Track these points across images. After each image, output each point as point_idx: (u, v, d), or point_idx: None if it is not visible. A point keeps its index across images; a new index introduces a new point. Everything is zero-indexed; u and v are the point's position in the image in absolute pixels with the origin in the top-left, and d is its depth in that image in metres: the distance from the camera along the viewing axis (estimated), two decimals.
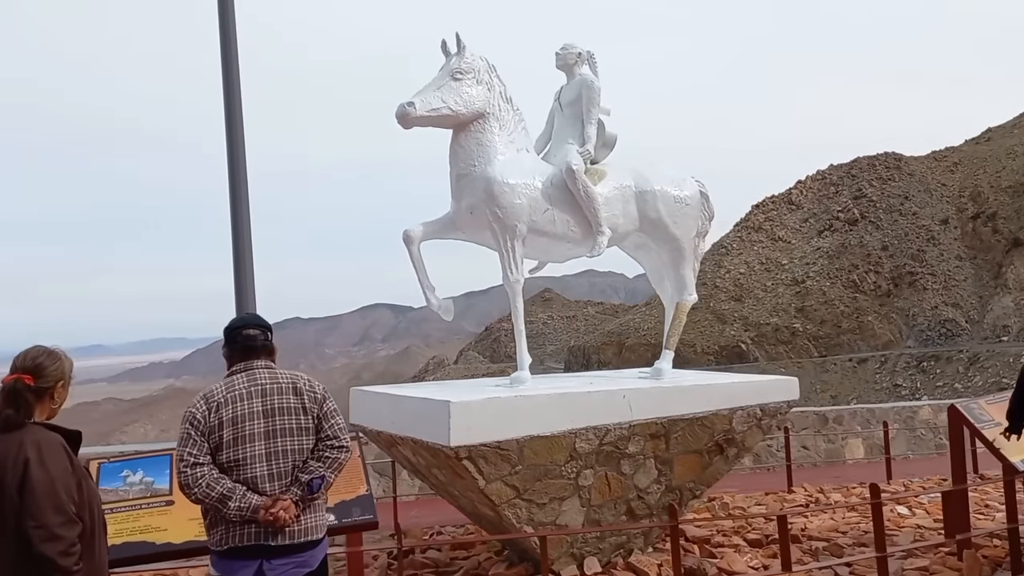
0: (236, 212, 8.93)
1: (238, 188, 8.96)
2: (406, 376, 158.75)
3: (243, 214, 8.94)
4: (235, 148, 8.96)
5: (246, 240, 8.93)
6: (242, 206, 8.95)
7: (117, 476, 4.96)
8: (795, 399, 7.17)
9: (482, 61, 6.62)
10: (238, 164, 8.97)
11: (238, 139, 8.99)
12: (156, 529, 4.81)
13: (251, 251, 8.98)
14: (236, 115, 9.04)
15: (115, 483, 4.94)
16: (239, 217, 8.92)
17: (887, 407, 15.28)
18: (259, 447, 3.66)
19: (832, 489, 10.24)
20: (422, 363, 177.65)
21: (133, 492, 4.95)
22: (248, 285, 8.88)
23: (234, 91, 9.07)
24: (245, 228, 8.95)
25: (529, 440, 5.87)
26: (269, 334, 3.93)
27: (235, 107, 9.04)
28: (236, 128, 9.00)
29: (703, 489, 7.01)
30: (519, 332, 6.66)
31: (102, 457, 5.08)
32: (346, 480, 5.12)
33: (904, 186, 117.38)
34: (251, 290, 8.91)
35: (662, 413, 6.44)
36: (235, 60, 9.14)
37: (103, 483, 4.87)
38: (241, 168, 9.01)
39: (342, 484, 5.02)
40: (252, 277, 8.96)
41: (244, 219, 8.96)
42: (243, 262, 8.85)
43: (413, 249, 6.63)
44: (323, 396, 3.85)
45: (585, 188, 6.57)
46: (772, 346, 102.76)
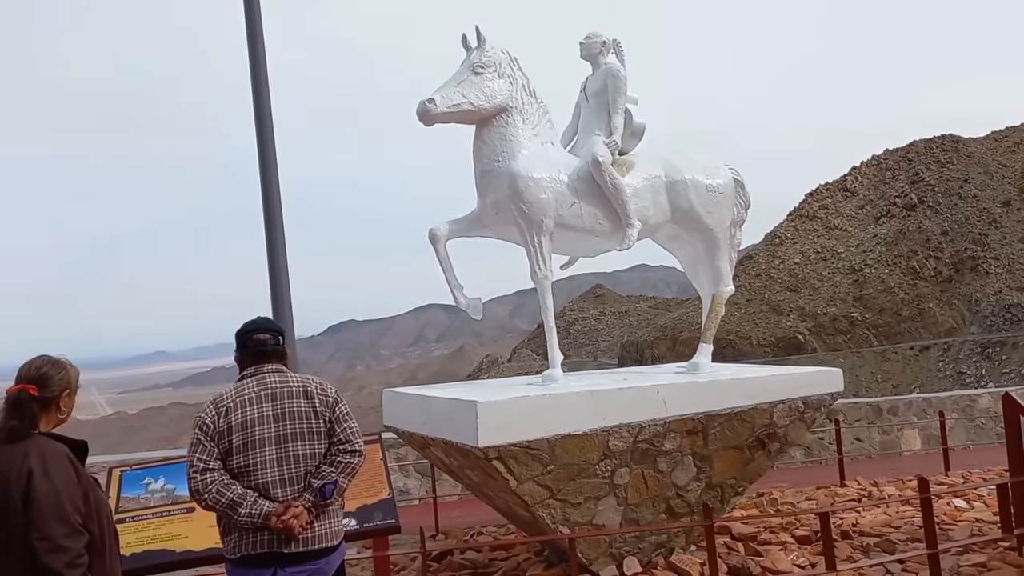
0: (269, 218, 8.92)
1: (270, 193, 8.94)
2: (460, 375, 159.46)
3: (276, 220, 8.92)
4: (266, 153, 8.94)
5: (280, 246, 8.91)
6: (275, 211, 8.93)
7: (139, 484, 4.95)
8: (839, 391, 6.92)
9: (503, 54, 6.49)
10: (269, 169, 8.95)
11: (269, 144, 8.97)
12: (177, 537, 4.78)
13: (285, 256, 8.95)
14: (266, 118, 9.03)
15: (137, 491, 4.93)
16: (272, 223, 8.91)
17: (944, 396, 14.80)
18: (270, 452, 3.60)
19: (886, 482, 9.90)
20: (476, 362, 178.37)
21: (155, 500, 4.94)
22: (284, 290, 8.87)
23: (263, 92, 9.07)
24: (279, 234, 8.93)
25: (560, 439, 5.73)
26: (281, 338, 3.88)
27: (264, 108, 9.03)
28: (266, 132, 8.99)
29: (745, 486, 6.79)
30: (550, 329, 6.53)
31: (125, 465, 5.08)
32: (368, 483, 5.05)
33: (963, 168, 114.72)
34: (287, 295, 8.90)
35: (698, 408, 6.25)
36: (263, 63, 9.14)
37: (125, 491, 4.86)
38: (273, 173, 8.99)
39: (364, 488, 4.96)
40: (288, 282, 8.94)
41: (278, 225, 8.94)
42: (278, 268, 8.83)
43: (439, 248, 6.54)
44: (335, 399, 3.77)
45: (612, 180, 6.41)
46: (830, 336, 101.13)
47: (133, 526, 4.68)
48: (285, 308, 8.81)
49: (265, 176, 8.95)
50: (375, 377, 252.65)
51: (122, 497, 4.82)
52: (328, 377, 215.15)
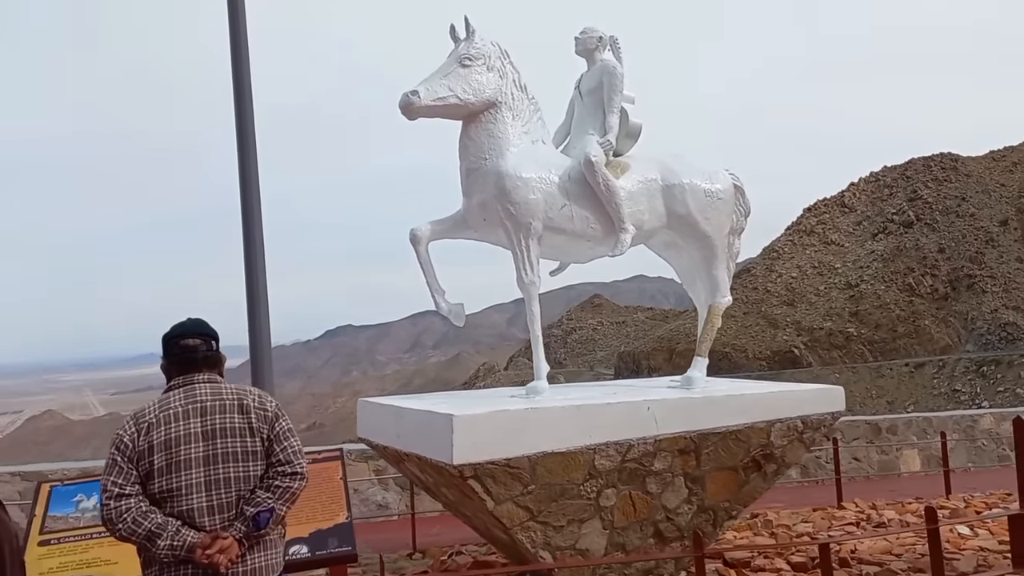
0: (248, 222, 8.53)
1: (249, 197, 8.56)
2: (457, 382, 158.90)
3: (255, 222, 8.54)
4: (246, 158, 8.57)
5: (258, 250, 8.52)
6: (254, 215, 8.55)
7: (69, 501, 4.48)
8: (841, 410, 6.54)
9: (494, 47, 6.13)
10: (249, 174, 8.57)
11: (249, 148, 8.59)
12: (105, 562, 4.33)
13: (263, 262, 8.56)
14: (248, 126, 8.66)
15: (66, 509, 4.46)
16: (251, 227, 8.52)
17: (945, 416, 14.42)
18: (197, 475, 3.16)
19: (885, 505, 9.52)
20: (473, 369, 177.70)
21: (85, 519, 4.48)
22: (261, 294, 8.48)
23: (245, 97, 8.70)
24: (257, 237, 8.55)
25: (542, 457, 5.34)
26: (214, 344, 3.43)
27: (247, 115, 8.66)
28: (247, 137, 8.61)
29: (739, 509, 6.39)
30: (536, 338, 6.14)
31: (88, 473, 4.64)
32: (324, 506, 4.63)
33: (961, 187, 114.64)
34: (264, 300, 8.51)
35: (691, 426, 5.86)
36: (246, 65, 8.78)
37: (54, 509, 4.41)
38: (253, 175, 8.61)
39: (319, 510, 4.54)
40: (265, 287, 8.55)
41: (256, 228, 8.56)
42: (255, 272, 8.45)
43: (420, 250, 6.16)
44: (275, 414, 3.34)
45: (606, 181, 6.04)
46: (826, 351, 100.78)
47: (57, 549, 4.23)
48: (261, 313, 8.43)
49: (244, 179, 8.58)
50: (371, 383, 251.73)
51: (49, 516, 4.36)
52: (324, 382, 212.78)
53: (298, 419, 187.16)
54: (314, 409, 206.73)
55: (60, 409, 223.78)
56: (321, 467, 5.08)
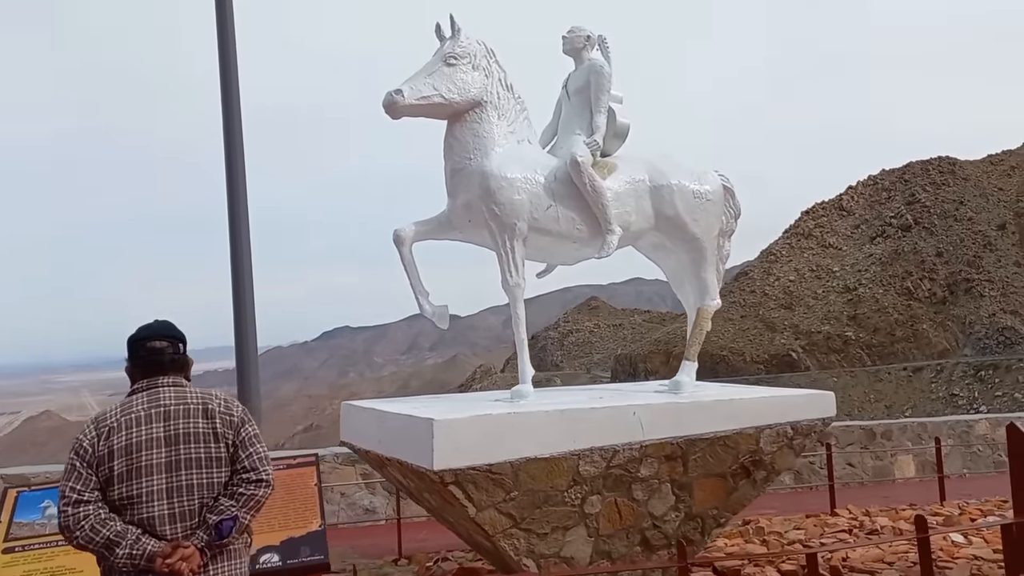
0: (235, 224, 8.43)
1: (236, 199, 8.46)
2: (453, 384, 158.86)
3: (242, 226, 8.45)
4: (233, 159, 8.48)
5: (245, 253, 8.43)
6: (241, 219, 8.45)
7: (36, 507, 4.36)
8: (831, 416, 6.42)
9: (479, 45, 6.03)
10: (237, 174, 8.47)
11: (237, 150, 8.50)
12: (70, 571, 4.21)
13: (251, 264, 8.48)
14: (235, 126, 8.55)
15: (33, 515, 4.33)
16: (237, 229, 8.42)
17: (940, 421, 14.31)
18: (158, 481, 3.05)
19: (879, 511, 9.40)
20: (470, 371, 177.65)
21: (51, 526, 4.34)
22: (247, 297, 8.38)
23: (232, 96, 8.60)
24: (244, 241, 8.45)
25: (525, 463, 5.22)
26: (181, 346, 3.31)
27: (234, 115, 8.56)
28: (235, 137, 8.52)
29: (728, 516, 6.28)
30: (521, 341, 6.03)
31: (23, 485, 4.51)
32: (298, 513, 4.52)
33: (959, 191, 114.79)
34: (250, 302, 8.40)
35: (678, 432, 5.74)
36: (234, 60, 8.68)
37: (20, 515, 4.28)
38: (240, 176, 8.51)
39: (292, 518, 4.42)
40: (252, 289, 8.45)
41: (243, 231, 8.46)
42: (241, 275, 8.35)
43: (404, 251, 6.05)
44: (241, 419, 3.22)
45: (592, 182, 5.93)
46: (824, 355, 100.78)
47: (21, 557, 4.10)
48: (247, 316, 8.32)
49: (232, 180, 8.48)
50: (368, 384, 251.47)
51: (15, 523, 4.24)
52: (320, 384, 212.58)
53: (295, 420, 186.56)
54: (311, 411, 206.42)
55: (57, 410, 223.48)
56: (295, 473, 4.97)
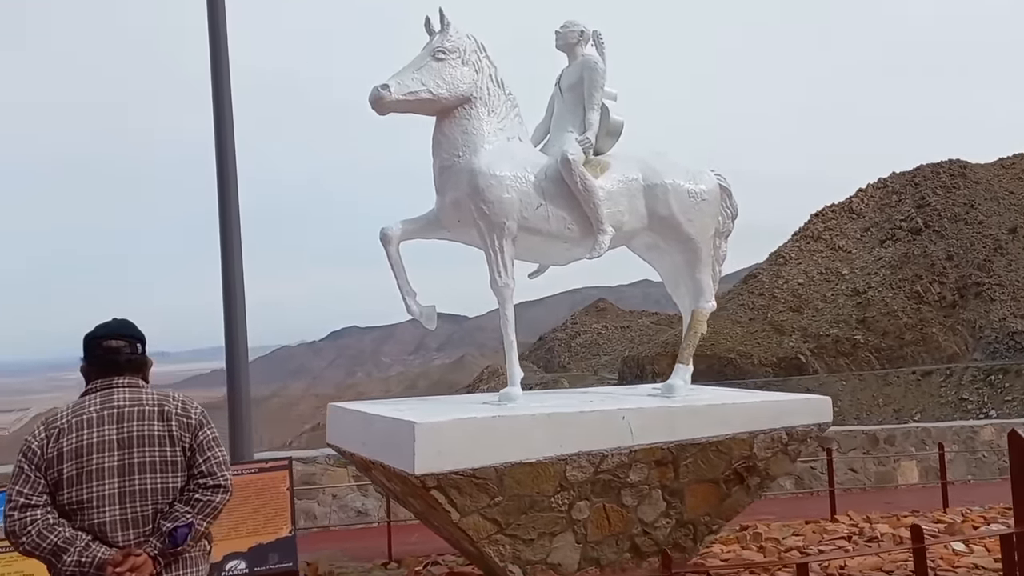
0: (225, 222, 8.30)
1: (227, 195, 8.33)
2: (461, 385, 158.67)
3: (232, 223, 8.32)
4: (224, 150, 8.34)
5: (236, 249, 8.29)
6: (231, 215, 8.32)
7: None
8: (828, 422, 6.28)
9: (469, 40, 5.92)
10: (228, 167, 8.35)
11: (227, 144, 8.37)
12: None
13: (241, 263, 8.33)
14: (226, 116, 8.43)
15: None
16: (228, 227, 8.29)
17: (944, 426, 14.11)
18: (110, 485, 2.93)
19: (880, 518, 9.24)
20: (477, 372, 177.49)
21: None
22: (238, 297, 8.24)
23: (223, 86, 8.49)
24: (235, 238, 8.31)
25: (510, 467, 5.10)
26: (139, 346, 3.18)
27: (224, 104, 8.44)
28: (226, 130, 8.39)
29: (721, 523, 6.15)
30: (510, 343, 5.90)
31: None
32: (267, 519, 4.39)
33: (969, 194, 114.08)
34: (241, 303, 8.26)
35: (669, 437, 5.61)
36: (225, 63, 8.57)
37: None
38: (231, 172, 8.38)
39: (261, 523, 4.29)
40: (242, 289, 8.31)
41: (234, 229, 8.33)
42: (232, 274, 8.22)
43: (391, 250, 5.94)
44: (199, 422, 3.10)
45: (583, 180, 5.80)
46: (832, 358, 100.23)
47: None
48: (237, 317, 8.19)
49: (223, 177, 8.35)
50: (375, 385, 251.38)
51: None
52: (328, 383, 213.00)
53: (302, 419, 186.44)
54: (318, 410, 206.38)
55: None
56: (267, 477, 4.84)
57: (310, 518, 9.34)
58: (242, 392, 7.97)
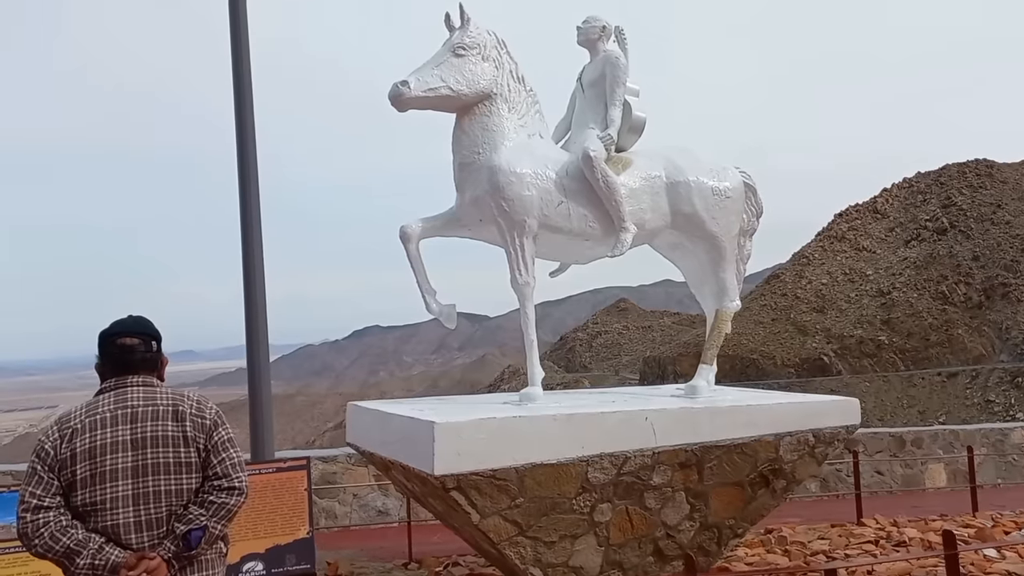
0: (246, 220, 8.27)
1: (248, 192, 8.31)
2: (482, 384, 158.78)
3: (253, 222, 8.29)
4: (245, 149, 8.32)
5: (256, 248, 8.26)
6: (252, 213, 8.29)
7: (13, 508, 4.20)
8: (856, 424, 6.15)
9: (490, 36, 5.84)
10: (248, 168, 8.32)
11: (248, 141, 8.34)
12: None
13: (262, 259, 8.30)
14: (247, 115, 8.41)
15: (10, 517, 4.17)
16: (249, 225, 8.26)
17: (973, 429, 13.87)
18: (124, 487, 2.88)
19: (907, 522, 9.07)
20: (498, 371, 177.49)
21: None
22: (259, 295, 8.20)
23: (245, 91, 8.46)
24: (255, 236, 8.28)
25: (531, 468, 5.02)
26: (154, 344, 3.12)
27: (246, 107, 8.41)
28: (247, 130, 8.36)
29: (746, 527, 6.03)
30: (530, 343, 5.82)
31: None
32: (285, 519, 4.32)
33: (996, 194, 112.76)
34: (262, 301, 8.23)
35: (693, 439, 5.51)
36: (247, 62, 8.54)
37: (0, 517, 4.13)
38: (252, 172, 8.36)
39: (279, 524, 4.22)
40: (263, 287, 8.28)
41: (255, 227, 8.30)
42: (253, 272, 8.19)
43: (411, 248, 5.87)
44: (213, 423, 3.04)
45: (605, 178, 5.71)
46: (856, 359, 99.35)
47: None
48: (259, 315, 8.16)
49: (244, 174, 8.33)
50: (397, 384, 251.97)
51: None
52: (350, 383, 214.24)
53: (325, 418, 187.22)
54: (341, 409, 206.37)
55: None
56: (285, 477, 4.78)
57: (331, 517, 9.31)
58: (263, 390, 7.94)
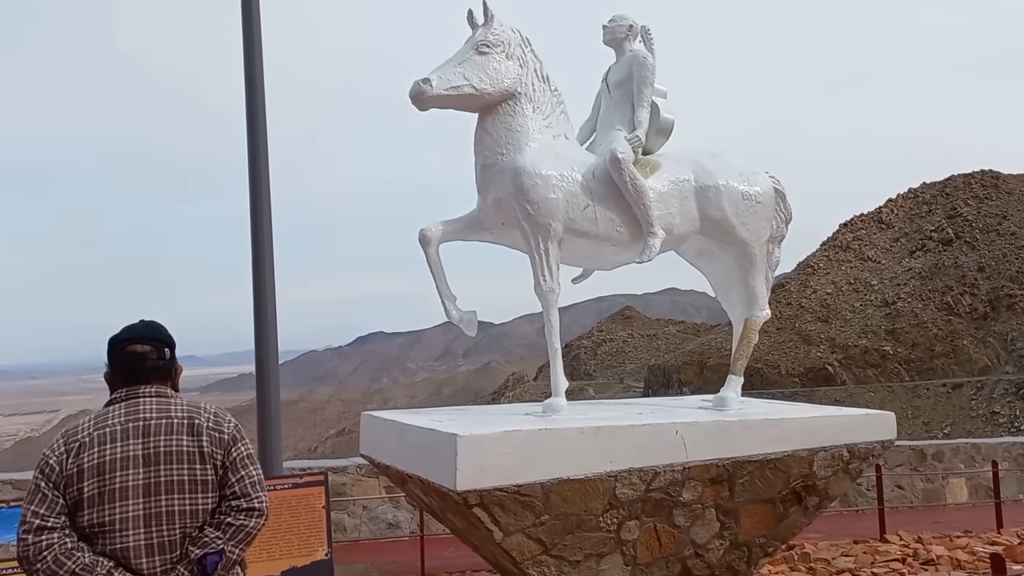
0: (257, 224, 8.08)
1: (259, 198, 8.11)
2: (486, 392, 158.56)
3: (264, 224, 8.10)
4: (257, 155, 8.13)
5: (267, 252, 8.07)
6: (263, 217, 8.10)
7: (13, 525, 3.98)
8: (892, 439, 5.91)
9: (514, 33, 5.63)
10: (260, 176, 8.13)
11: (260, 147, 8.16)
12: None
13: (272, 265, 8.10)
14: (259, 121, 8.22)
15: (10, 535, 3.95)
16: (260, 228, 8.07)
17: (995, 442, 13.62)
18: (135, 507, 2.65)
19: (932, 539, 8.84)
20: (502, 379, 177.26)
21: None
22: (269, 302, 7.99)
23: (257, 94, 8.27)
24: (267, 240, 8.09)
25: (556, 484, 4.78)
26: (167, 351, 2.90)
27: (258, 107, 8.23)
28: (259, 137, 8.17)
29: (777, 545, 5.78)
30: (554, 351, 5.60)
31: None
32: (302, 539, 4.08)
33: (1002, 205, 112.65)
34: (272, 307, 8.01)
35: (725, 453, 5.27)
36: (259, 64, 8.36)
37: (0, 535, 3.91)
38: (264, 178, 8.17)
39: (295, 544, 3.99)
40: (273, 293, 8.07)
41: (265, 230, 8.11)
42: (263, 276, 7.99)
43: (431, 252, 5.65)
44: (232, 437, 2.81)
45: (633, 180, 5.49)
46: (860, 369, 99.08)
47: None
48: (268, 322, 7.94)
49: (255, 180, 8.13)
50: (401, 391, 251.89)
51: None
52: (354, 388, 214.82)
53: (328, 424, 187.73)
54: (343, 415, 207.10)
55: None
56: (302, 493, 4.54)
57: (340, 530, 9.07)
58: (271, 398, 7.72)
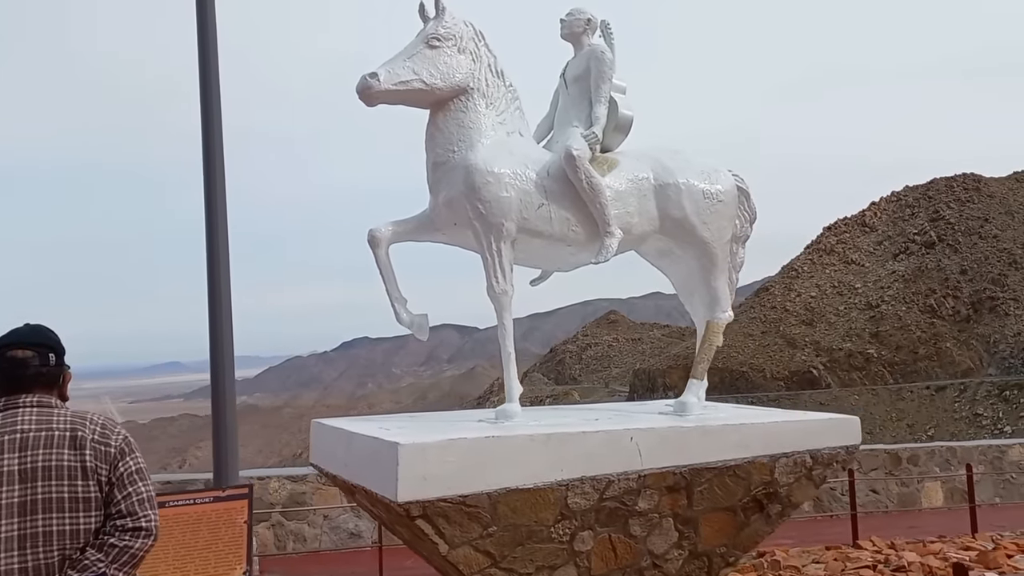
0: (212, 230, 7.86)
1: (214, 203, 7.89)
2: (471, 396, 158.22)
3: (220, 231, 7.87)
4: (212, 163, 7.91)
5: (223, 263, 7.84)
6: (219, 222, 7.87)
7: None
8: (856, 444, 5.74)
9: (467, 27, 5.44)
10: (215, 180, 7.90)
11: (215, 156, 7.92)
12: None
13: (228, 276, 7.87)
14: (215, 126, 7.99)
15: None
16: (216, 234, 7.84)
17: (970, 446, 13.51)
18: (8, 527, 2.44)
19: (905, 544, 8.70)
20: (487, 384, 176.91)
21: None
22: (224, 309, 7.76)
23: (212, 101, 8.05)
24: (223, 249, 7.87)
25: (505, 494, 4.59)
26: (52, 356, 2.67)
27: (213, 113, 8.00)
28: (214, 143, 7.94)
29: (738, 555, 5.60)
30: (508, 355, 5.40)
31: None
32: (219, 557, 3.86)
33: (984, 208, 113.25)
34: (227, 312, 7.79)
35: (682, 460, 5.09)
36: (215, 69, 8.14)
37: None
38: (219, 181, 7.94)
39: (212, 563, 3.77)
40: (229, 300, 7.84)
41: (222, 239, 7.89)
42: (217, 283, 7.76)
43: (380, 253, 5.45)
44: (120, 451, 2.59)
45: (589, 178, 5.31)
46: (845, 372, 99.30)
47: None
48: (224, 329, 7.72)
49: (209, 186, 7.90)
50: (385, 396, 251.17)
51: None
52: (339, 394, 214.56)
53: None
54: None
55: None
56: (223, 508, 4.32)
57: (299, 540, 8.83)
58: (226, 406, 7.51)
